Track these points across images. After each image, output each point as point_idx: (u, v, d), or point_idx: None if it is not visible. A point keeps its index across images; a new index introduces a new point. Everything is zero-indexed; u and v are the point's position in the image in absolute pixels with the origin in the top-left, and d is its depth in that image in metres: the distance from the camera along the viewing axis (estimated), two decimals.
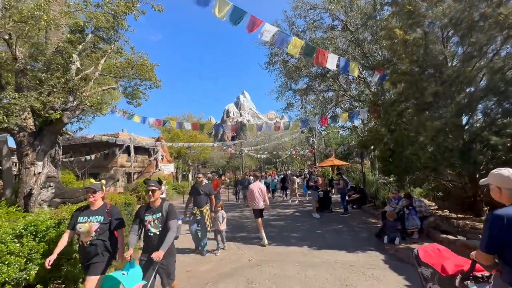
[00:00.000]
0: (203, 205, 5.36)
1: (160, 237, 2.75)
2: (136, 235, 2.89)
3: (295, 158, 42.84)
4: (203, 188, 5.44)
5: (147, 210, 2.89)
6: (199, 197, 5.37)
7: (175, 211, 2.90)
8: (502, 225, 1.54)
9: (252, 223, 8.56)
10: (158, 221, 2.82)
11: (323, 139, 26.58)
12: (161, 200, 2.93)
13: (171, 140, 23.26)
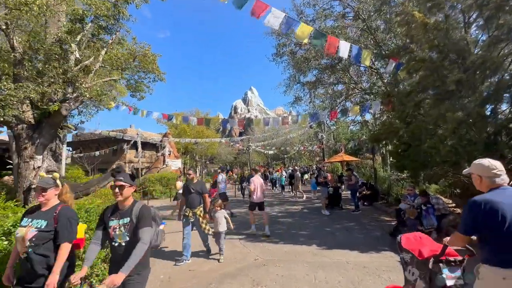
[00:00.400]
0: (195, 206, 4.86)
1: (127, 251, 2.02)
2: (98, 246, 2.14)
3: (303, 154, 42.35)
4: (195, 186, 4.89)
5: (113, 213, 2.18)
6: (190, 197, 4.86)
7: (149, 216, 2.16)
8: (479, 210, 1.72)
9: (259, 219, 8.30)
10: (125, 228, 2.09)
11: (332, 134, 26.01)
12: (132, 200, 2.23)
13: (178, 136, 23.22)
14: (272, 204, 11.69)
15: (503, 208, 1.68)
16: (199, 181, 5.08)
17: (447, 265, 2.17)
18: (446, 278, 2.11)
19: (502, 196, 1.75)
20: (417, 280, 2.33)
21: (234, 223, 7.67)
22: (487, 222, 1.71)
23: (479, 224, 1.75)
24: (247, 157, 34.47)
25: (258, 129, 39.48)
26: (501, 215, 1.67)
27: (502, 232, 1.66)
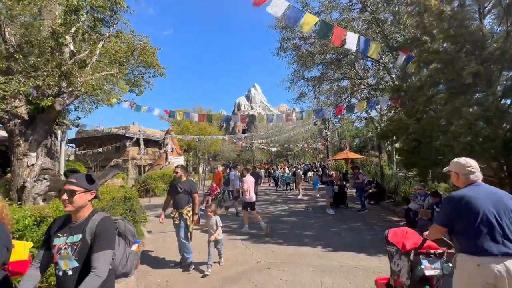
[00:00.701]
0: (183, 206, 4.33)
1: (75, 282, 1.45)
2: (37, 271, 1.53)
3: (307, 151, 41.96)
4: (183, 184, 4.38)
5: (62, 227, 1.57)
6: (177, 196, 4.36)
7: (112, 233, 1.57)
8: (457, 204, 1.91)
9: (262, 219, 8.08)
10: (73, 250, 1.48)
11: (337, 131, 25.61)
12: (90, 211, 1.61)
13: (181, 133, 23.04)
14: (276, 203, 11.46)
15: (477, 202, 1.87)
16: (188, 180, 4.58)
17: (426, 257, 2.35)
18: (425, 269, 2.27)
19: (476, 191, 1.94)
20: (401, 271, 2.51)
21: (234, 222, 7.51)
22: (463, 214, 1.91)
23: (456, 216, 1.94)
24: (251, 154, 34.25)
25: (261, 126, 39.19)
26: (475, 209, 1.86)
27: (476, 224, 1.85)
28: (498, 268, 1.73)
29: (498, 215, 1.84)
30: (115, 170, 5.57)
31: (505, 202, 1.89)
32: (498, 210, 1.85)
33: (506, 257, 1.75)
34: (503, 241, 1.79)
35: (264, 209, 9.90)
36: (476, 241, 1.84)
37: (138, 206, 5.72)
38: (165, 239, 6.17)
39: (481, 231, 1.84)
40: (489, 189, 1.99)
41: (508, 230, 1.81)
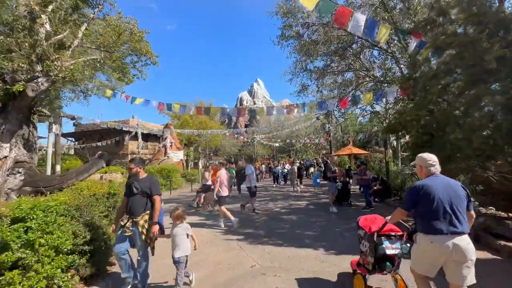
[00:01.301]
0: (138, 212, 3.26)
1: None
2: None
3: (309, 147, 41.43)
4: (140, 183, 3.30)
5: None
6: (132, 199, 3.29)
7: None
8: (418, 192, 2.30)
9: (260, 217, 7.65)
10: None
11: (340, 126, 25.00)
12: None
13: (181, 127, 22.62)
14: (276, 199, 11.02)
15: (434, 190, 2.21)
16: (149, 177, 3.46)
17: (387, 238, 2.74)
18: (386, 248, 2.67)
19: (434, 182, 2.28)
20: (367, 251, 2.88)
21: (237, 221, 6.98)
22: (423, 200, 2.25)
23: (417, 202, 2.29)
24: (252, 149, 33.80)
25: (263, 121, 38.62)
26: (432, 196, 2.20)
27: (431, 208, 2.19)
28: (447, 244, 2.10)
29: (450, 201, 2.19)
30: (99, 163, 5.14)
31: (456, 190, 2.25)
32: (451, 197, 2.21)
33: (454, 235, 2.11)
34: (452, 222, 2.15)
35: (264, 206, 9.47)
36: (431, 222, 2.20)
37: None
38: None
39: (435, 214, 2.18)
40: (445, 180, 2.32)
41: (457, 213, 2.17)
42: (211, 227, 6.65)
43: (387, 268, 2.75)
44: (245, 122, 75.16)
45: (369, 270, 2.87)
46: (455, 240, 2.10)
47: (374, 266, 2.79)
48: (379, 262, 2.76)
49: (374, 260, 2.76)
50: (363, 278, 2.88)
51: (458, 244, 2.09)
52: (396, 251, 2.69)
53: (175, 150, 19.79)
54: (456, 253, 2.09)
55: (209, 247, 5.06)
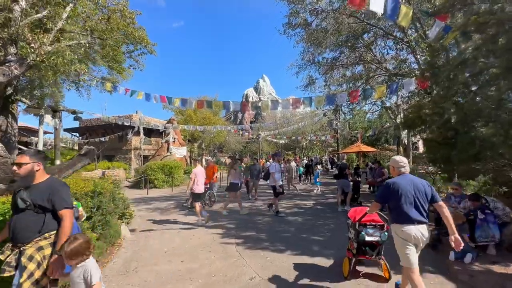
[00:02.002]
0: (29, 237, 2.07)
1: None
2: None
3: (316, 144, 40.67)
4: (33, 192, 2.09)
5: None
6: (17, 218, 2.09)
7: None
8: (389, 188, 2.74)
9: (263, 218, 7.11)
10: None
11: (348, 123, 24.18)
12: None
13: (185, 123, 22.20)
14: (280, 198, 10.45)
15: (402, 187, 2.68)
16: (49, 182, 2.20)
17: (368, 227, 3.30)
18: (365, 235, 3.24)
19: (403, 179, 2.76)
20: (352, 237, 3.40)
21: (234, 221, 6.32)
22: (393, 195, 2.71)
23: (389, 196, 2.76)
24: (257, 146, 33.22)
25: (269, 117, 37.96)
26: (400, 191, 2.67)
27: (401, 201, 2.65)
28: (414, 231, 2.59)
29: (415, 195, 2.65)
30: (84, 159, 4.66)
31: (420, 187, 2.69)
32: (416, 192, 2.66)
33: (419, 224, 2.62)
34: (418, 213, 2.63)
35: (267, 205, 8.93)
36: (401, 213, 2.65)
37: (112, 204, 4.79)
38: (148, 240, 5.29)
39: (404, 206, 2.63)
40: (412, 178, 2.77)
41: (421, 205, 2.64)
42: (210, 227, 6.15)
43: (368, 253, 3.31)
44: (251, 119, 74.55)
45: (354, 254, 3.38)
46: (420, 227, 2.60)
47: (358, 251, 3.32)
48: (360, 248, 3.31)
49: (357, 246, 3.30)
50: (349, 261, 3.45)
51: (422, 231, 2.60)
52: (375, 239, 3.21)
53: (178, 146, 19.39)
54: (422, 238, 2.60)
55: (205, 253, 4.55)
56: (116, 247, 4.81)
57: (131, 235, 5.66)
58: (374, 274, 3.57)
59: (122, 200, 6.20)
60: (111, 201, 4.88)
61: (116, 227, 4.84)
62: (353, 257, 3.40)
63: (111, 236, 4.52)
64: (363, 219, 3.31)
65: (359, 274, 3.56)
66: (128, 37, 6.10)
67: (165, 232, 5.87)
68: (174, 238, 5.43)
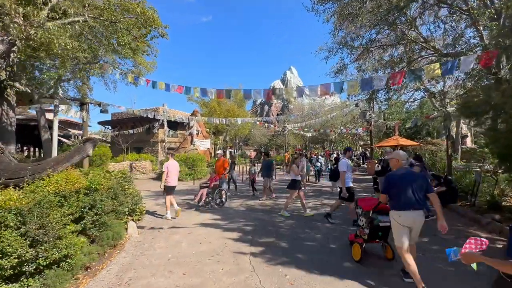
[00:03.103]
0: None
1: None
2: None
3: (345, 137, 38.42)
4: None
5: None
6: None
7: None
8: (390, 179, 3.23)
9: (284, 220, 6.25)
10: None
11: (383, 114, 22.01)
12: None
13: (209, 115, 21.90)
14: (306, 196, 9.47)
15: (399, 179, 3.14)
16: None
17: (380, 214, 3.65)
18: (380, 222, 3.64)
19: (402, 172, 3.20)
20: (364, 225, 3.84)
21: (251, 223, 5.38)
22: (393, 185, 3.16)
23: (390, 187, 3.18)
24: (283, 139, 32.12)
25: (296, 110, 36.50)
26: (397, 182, 3.13)
27: (399, 191, 3.09)
28: (409, 217, 3.03)
29: (411, 186, 3.06)
30: (84, 150, 4.19)
31: (416, 178, 3.14)
32: (412, 183, 3.08)
33: (414, 210, 3.02)
34: (413, 201, 3.03)
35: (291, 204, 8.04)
36: (399, 201, 3.09)
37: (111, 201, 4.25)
38: (154, 242, 4.74)
39: (401, 195, 3.07)
40: (409, 171, 3.33)
41: (416, 194, 3.04)
42: (225, 229, 5.47)
43: (380, 237, 3.75)
44: (277, 112, 73.15)
45: (365, 239, 3.74)
46: (417, 214, 3.05)
47: (370, 236, 3.70)
48: (373, 233, 3.69)
49: (369, 231, 3.68)
50: (360, 246, 3.77)
51: (418, 217, 3.06)
52: (387, 223, 3.56)
53: (201, 138, 19.14)
54: (415, 223, 3.06)
55: (212, 263, 3.84)
56: (118, 250, 4.32)
57: (139, 234, 5.17)
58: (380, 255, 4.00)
59: (131, 195, 5.76)
60: (113, 198, 4.37)
61: (118, 227, 4.33)
62: (363, 243, 3.78)
63: (110, 238, 4.01)
64: (381, 207, 3.62)
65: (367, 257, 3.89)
66: (139, 18, 5.51)
67: (174, 233, 5.31)
68: (182, 241, 4.82)
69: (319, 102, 41.34)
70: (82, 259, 3.15)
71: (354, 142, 38.51)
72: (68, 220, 3.15)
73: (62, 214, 3.07)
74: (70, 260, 2.88)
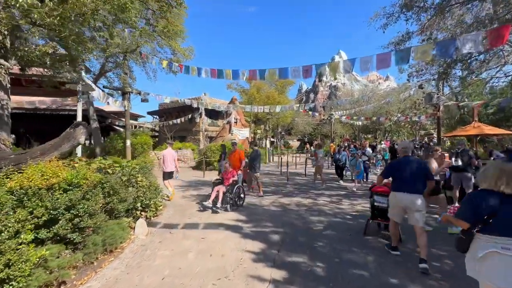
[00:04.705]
0: None
1: None
2: None
3: (403, 126, 33.68)
4: None
5: None
6: None
7: None
8: (392, 165, 3.83)
9: (325, 229, 4.86)
10: None
11: (455, 96, 17.98)
12: None
13: (249, 103, 20.99)
14: (347, 196, 7.77)
15: (401, 165, 3.61)
16: None
17: (377, 195, 4.32)
18: (375, 201, 4.34)
19: (404, 160, 3.67)
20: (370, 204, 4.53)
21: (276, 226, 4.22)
22: (394, 171, 3.69)
23: (391, 172, 3.74)
24: (329, 128, 29.58)
25: (344, 95, 33.19)
26: (399, 168, 3.61)
27: (398, 175, 3.59)
28: (402, 198, 3.47)
29: (409, 171, 3.49)
30: (72, 139, 3.53)
31: (416, 166, 3.52)
32: (411, 169, 3.50)
33: (410, 193, 3.43)
34: (408, 184, 3.46)
35: (335, 208, 6.56)
36: (397, 184, 3.59)
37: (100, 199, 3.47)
38: (158, 249, 3.93)
39: (399, 179, 3.56)
40: (410, 158, 3.66)
41: (413, 180, 3.45)
42: (245, 236, 4.42)
43: (376, 216, 4.37)
44: (323, 100, 68.77)
45: (371, 217, 4.47)
46: (410, 196, 3.41)
47: (372, 214, 4.45)
48: (373, 212, 4.40)
49: (372, 211, 4.44)
50: (367, 222, 4.56)
51: (409, 199, 3.41)
52: (383, 204, 4.22)
53: (240, 127, 18.41)
54: (411, 205, 3.40)
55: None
56: (114, 256, 3.62)
57: (146, 235, 4.46)
58: None
59: (145, 188, 5.09)
60: (109, 194, 3.65)
61: (115, 229, 3.60)
62: (370, 219, 4.48)
63: (99, 244, 3.29)
64: (377, 189, 4.34)
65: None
66: None
67: (186, 236, 4.46)
68: (191, 249, 3.91)
69: (371, 88, 36.95)
70: (42, 277, 2.42)
71: (415, 131, 33.63)
72: (27, 227, 2.43)
73: (16, 219, 2.35)
74: (16, 283, 2.14)
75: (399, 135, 36.11)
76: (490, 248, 1.84)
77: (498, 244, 1.82)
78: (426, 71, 17.04)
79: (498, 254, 1.80)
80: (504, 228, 1.82)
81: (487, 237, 1.88)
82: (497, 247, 1.81)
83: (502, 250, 1.80)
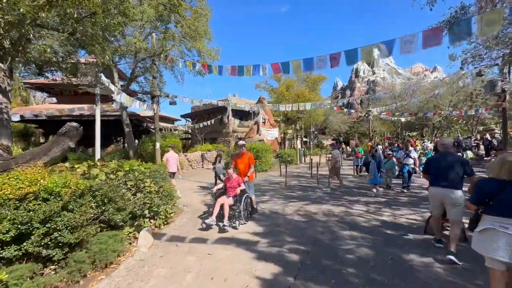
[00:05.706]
0: None
1: None
2: None
3: (455, 121, 29.60)
4: None
5: None
6: None
7: None
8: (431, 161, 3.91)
9: (355, 246, 3.92)
10: None
11: None
12: None
13: (277, 102, 20.19)
14: (393, 203, 6.55)
15: (437, 161, 3.71)
16: None
17: None
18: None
19: (441, 156, 3.73)
20: None
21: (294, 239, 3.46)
22: (431, 166, 3.76)
23: (430, 167, 3.78)
24: (367, 126, 27.26)
25: (384, 89, 30.39)
26: (435, 163, 3.71)
27: (435, 170, 3.67)
28: (439, 192, 3.55)
29: (446, 167, 3.54)
30: (63, 142, 3.22)
31: (453, 163, 3.52)
32: (447, 164, 3.55)
33: (445, 187, 3.49)
34: (443, 178, 3.53)
35: (372, 219, 5.51)
36: (434, 179, 3.66)
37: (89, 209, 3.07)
38: (155, 266, 3.44)
39: (434, 174, 3.67)
40: (448, 154, 3.68)
41: (449, 175, 3.47)
42: (257, 257, 3.72)
43: None
44: (361, 96, 64.50)
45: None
46: (444, 190, 3.49)
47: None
48: None
49: None
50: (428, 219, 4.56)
51: (445, 193, 3.47)
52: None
53: (269, 127, 17.72)
54: (445, 198, 3.47)
55: None
56: (106, 273, 3.22)
57: (148, 248, 4.03)
58: None
59: (153, 194, 4.71)
60: (103, 203, 3.27)
61: (107, 243, 3.20)
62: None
63: (85, 262, 2.89)
64: None
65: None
66: None
67: (191, 251, 3.92)
68: (192, 269, 3.35)
69: (416, 81, 33.24)
70: None
71: (470, 127, 29.46)
72: None
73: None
74: None
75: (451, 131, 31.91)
76: (488, 225, 2.24)
77: (496, 222, 2.19)
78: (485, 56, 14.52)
79: (496, 231, 2.17)
80: (503, 209, 2.18)
81: (489, 217, 2.27)
82: (495, 225, 2.18)
83: (500, 228, 2.15)
